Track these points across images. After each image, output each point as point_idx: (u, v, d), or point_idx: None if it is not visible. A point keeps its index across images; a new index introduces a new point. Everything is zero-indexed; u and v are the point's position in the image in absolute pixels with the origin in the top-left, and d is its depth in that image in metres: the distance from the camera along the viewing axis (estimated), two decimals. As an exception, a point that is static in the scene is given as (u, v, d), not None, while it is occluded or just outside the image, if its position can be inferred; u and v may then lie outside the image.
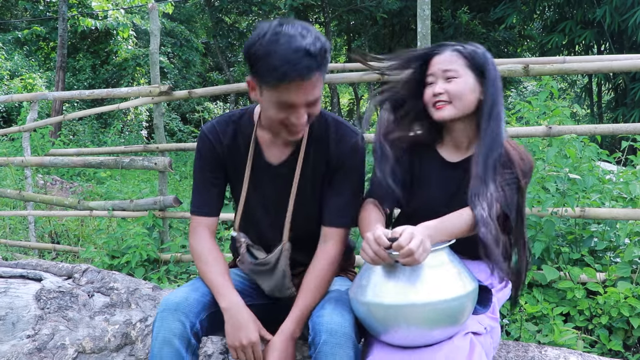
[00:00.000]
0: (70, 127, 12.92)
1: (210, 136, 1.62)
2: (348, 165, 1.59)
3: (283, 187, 1.61)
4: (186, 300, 1.48)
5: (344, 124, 1.62)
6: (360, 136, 1.61)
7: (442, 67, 1.55)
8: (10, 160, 4.83)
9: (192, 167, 7.59)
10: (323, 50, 1.35)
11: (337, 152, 1.58)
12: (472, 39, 11.69)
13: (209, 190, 1.64)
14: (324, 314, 1.43)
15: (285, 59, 1.31)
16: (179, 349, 1.43)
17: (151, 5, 3.98)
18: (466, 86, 1.54)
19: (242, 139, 1.62)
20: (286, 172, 1.60)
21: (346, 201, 1.60)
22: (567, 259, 2.78)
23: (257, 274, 1.66)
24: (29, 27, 15.10)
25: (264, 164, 1.61)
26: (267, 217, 1.65)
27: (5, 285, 2.07)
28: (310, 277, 1.56)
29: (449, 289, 1.34)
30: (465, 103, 1.55)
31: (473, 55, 1.55)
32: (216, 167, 1.64)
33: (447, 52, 1.57)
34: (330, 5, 12.60)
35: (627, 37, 9.34)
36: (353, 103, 20.41)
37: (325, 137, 1.59)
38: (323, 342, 1.38)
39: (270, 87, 1.37)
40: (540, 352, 1.73)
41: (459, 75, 1.54)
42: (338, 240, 1.60)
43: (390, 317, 1.34)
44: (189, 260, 3.78)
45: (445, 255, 1.40)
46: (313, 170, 1.60)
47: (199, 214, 1.65)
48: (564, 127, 2.90)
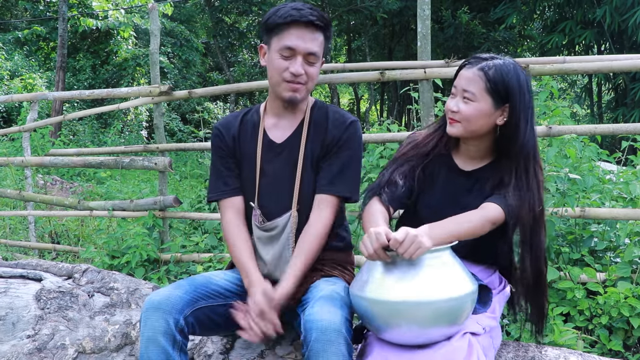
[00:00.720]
0: (70, 127, 12.92)
1: (220, 127, 1.82)
2: (341, 142, 1.71)
3: (287, 163, 1.74)
4: (168, 299, 1.52)
5: (341, 111, 1.80)
6: (356, 119, 1.75)
7: (463, 85, 1.56)
8: (11, 160, 4.83)
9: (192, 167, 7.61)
10: (327, 20, 1.64)
11: (332, 132, 1.73)
12: (472, 39, 11.75)
13: (224, 173, 1.79)
14: (314, 312, 1.44)
15: (292, 8, 1.60)
16: (165, 346, 1.47)
17: (151, 5, 3.98)
18: (478, 112, 1.54)
19: (249, 127, 1.80)
20: (289, 148, 1.75)
21: (337, 171, 1.70)
22: (567, 259, 2.78)
23: (263, 241, 1.75)
24: (29, 27, 15.09)
25: (268, 143, 1.77)
26: (271, 192, 1.75)
27: (5, 286, 2.07)
28: (303, 239, 1.67)
29: (450, 289, 1.35)
30: (474, 127, 1.56)
31: (495, 80, 1.52)
32: (227, 155, 1.79)
33: (474, 70, 1.55)
34: (330, 5, 12.60)
35: (627, 37, 9.34)
36: (353, 103, 20.42)
37: (324, 121, 1.75)
38: (314, 339, 1.39)
39: (276, 36, 1.63)
40: (540, 352, 1.73)
41: (475, 99, 1.54)
42: (329, 207, 1.69)
43: (391, 314, 1.36)
44: (189, 260, 3.78)
45: (447, 256, 1.41)
46: (312, 149, 1.73)
47: (221, 197, 1.79)
48: (564, 127, 2.91)
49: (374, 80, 3.28)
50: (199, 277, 1.70)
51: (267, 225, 1.73)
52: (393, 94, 15.18)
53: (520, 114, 1.54)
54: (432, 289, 1.34)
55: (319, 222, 1.68)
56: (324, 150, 1.72)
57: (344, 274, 1.78)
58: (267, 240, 1.74)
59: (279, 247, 1.72)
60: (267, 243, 1.74)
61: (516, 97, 1.53)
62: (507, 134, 1.57)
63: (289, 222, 1.72)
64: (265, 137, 1.77)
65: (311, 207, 1.72)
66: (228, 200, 1.78)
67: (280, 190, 1.74)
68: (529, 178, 1.56)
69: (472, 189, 1.63)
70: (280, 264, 1.72)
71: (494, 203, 1.52)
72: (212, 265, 3.53)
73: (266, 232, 1.74)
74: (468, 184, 1.64)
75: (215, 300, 1.65)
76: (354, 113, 18.36)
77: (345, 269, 1.81)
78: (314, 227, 1.68)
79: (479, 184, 1.62)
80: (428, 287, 1.34)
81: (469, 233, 1.46)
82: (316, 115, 1.76)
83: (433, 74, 3.13)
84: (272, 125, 1.78)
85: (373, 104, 17.16)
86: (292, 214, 1.72)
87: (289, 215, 1.72)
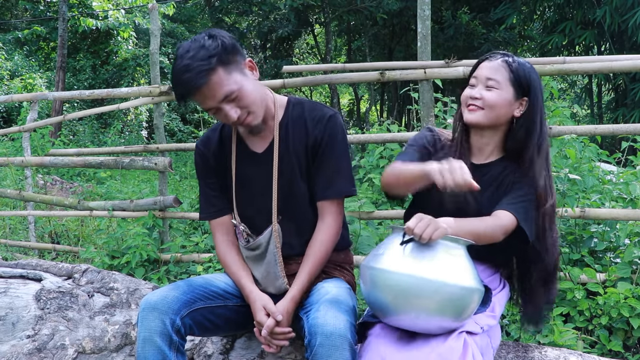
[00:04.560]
0: (70, 127, 12.92)
1: (200, 146, 1.79)
2: (327, 141, 1.67)
3: (269, 173, 1.69)
4: (164, 299, 1.52)
5: (319, 104, 1.73)
6: (335, 112, 1.70)
7: (486, 73, 1.59)
8: (11, 161, 4.83)
9: (192, 167, 7.62)
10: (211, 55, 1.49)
11: (315, 130, 1.67)
12: (472, 40, 11.74)
13: (209, 194, 1.78)
14: (319, 316, 1.44)
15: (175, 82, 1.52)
16: (161, 346, 1.47)
17: (151, 5, 3.98)
18: (503, 99, 1.57)
19: (227, 139, 1.76)
20: (270, 159, 1.69)
21: (331, 173, 1.68)
22: (567, 259, 2.78)
23: (251, 260, 1.74)
24: (29, 27, 15.10)
25: (249, 154, 1.73)
26: (257, 203, 1.73)
27: (5, 286, 2.07)
28: (311, 248, 1.67)
29: (461, 277, 1.38)
30: (497, 114, 1.58)
31: (518, 72, 1.57)
32: (210, 172, 1.78)
33: (497, 61, 1.59)
34: (331, 5, 12.59)
35: (627, 37, 9.33)
36: (353, 103, 20.40)
37: (302, 118, 1.69)
38: (319, 344, 1.39)
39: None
40: (540, 353, 1.73)
41: (500, 87, 1.57)
42: (331, 212, 1.68)
43: (402, 290, 1.36)
44: (189, 261, 3.78)
45: (463, 250, 1.44)
46: (294, 151, 1.68)
47: (209, 218, 1.78)
48: (564, 128, 2.90)
49: (374, 81, 3.28)
50: (198, 278, 1.70)
51: (251, 245, 1.72)
52: (393, 95, 15.18)
53: (537, 109, 1.59)
54: (447, 272, 1.37)
55: (322, 230, 1.67)
56: (309, 152, 1.68)
57: (343, 274, 1.78)
58: (254, 259, 1.73)
59: (265, 266, 1.71)
60: (255, 261, 1.73)
61: (536, 91, 1.59)
62: (524, 126, 1.60)
63: (272, 239, 1.69)
64: (244, 148, 1.73)
65: (302, 214, 1.71)
66: (216, 221, 1.78)
67: (264, 204, 1.71)
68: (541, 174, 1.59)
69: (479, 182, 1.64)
70: (270, 280, 1.71)
71: (506, 211, 1.53)
72: (212, 265, 3.53)
73: (251, 251, 1.73)
74: (475, 179, 1.64)
75: (214, 302, 1.65)
76: (354, 113, 18.36)
77: (345, 269, 1.81)
78: (319, 234, 1.67)
79: (485, 179, 1.62)
80: (443, 270, 1.37)
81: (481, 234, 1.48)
82: (292, 114, 1.71)
83: (433, 74, 3.13)
84: (250, 135, 1.73)
85: (373, 105, 17.15)
86: (273, 228, 1.69)
87: (270, 231, 1.70)
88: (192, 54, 1.50)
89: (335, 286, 1.64)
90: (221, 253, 1.76)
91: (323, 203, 1.69)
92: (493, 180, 1.63)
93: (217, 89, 1.52)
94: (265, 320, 1.59)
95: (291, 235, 1.71)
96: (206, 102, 1.55)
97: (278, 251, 1.69)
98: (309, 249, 1.67)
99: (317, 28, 15.82)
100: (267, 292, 1.71)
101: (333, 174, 1.68)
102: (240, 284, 1.70)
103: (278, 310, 1.60)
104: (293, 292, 1.63)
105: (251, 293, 1.65)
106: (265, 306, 1.61)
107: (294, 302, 1.63)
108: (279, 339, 1.60)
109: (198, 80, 1.49)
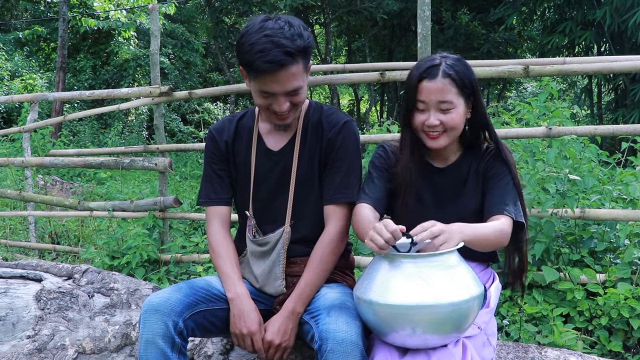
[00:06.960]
0: (70, 127, 12.93)
1: (214, 132, 1.78)
2: (340, 146, 1.68)
3: (284, 172, 1.71)
4: (167, 301, 1.51)
5: (336, 110, 1.75)
6: (350, 119, 1.71)
7: (436, 97, 1.53)
8: (11, 161, 4.83)
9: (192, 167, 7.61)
10: (302, 46, 1.50)
11: (330, 135, 1.69)
12: (472, 40, 11.74)
13: (215, 180, 1.77)
14: (330, 321, 1.43)
15: (260, 53, 1.46)
16: (164, 348, 1.46)
17: (152, 6, 3.98)
18: (460, 115, 1.57)
19: (245, 132, 1.76)
20: (286, 158, 1.71)
21: (340, 178, 1.68)
22: (567, 260, 2.79)
23: (256, 255, 1.73)
24: (29, 28, 15.10)
25: (265, 151, 1.73)
26: (271, 201, 1.73)
27: (6, 286, 2.07)
28: (313, 255, 1.65)
29: (457, 292, 1.31)
30: (458, 130, 1.59)
31: (462, 79, 1.54)
32: (220, 160, 1.76)
33: (439, 80, 1.53)
34: (330, 6, 12.60)
35: (627, 38, 9.33)
36: (353, 104, 20.41)
37: (320, 122, 1.71)
38: (330, 350, 1.38)
39: (252, 77, 1.54)
40: (540, 353, 1.73)
41: (454, 105, 1.54)
42: (338, 217, 1.67)
43: (395, 318, 1.32)
44: (189, 261, 3.78)
45: (454, 258, 1.37)
46: (310, 154, 1.70)
47: (208, 204, 1.77)
48: (564, 128, 2.91)
49: (374, 81, 3.28)
50: (199, 280, 1.68)
51: (260, 240, 1.72)
52: (393, 95, 15.20)
53: (480, 99, 1.60)
54: (440, 292, 1.30)
55: (327, 237, 1.66)
56: (325, 155, 1.69)
57: (345, 279, 1.78)
58: (259, 255, 1.73)
59: (269, 263, 1.70)
60: (259, 257, 1.73)
61: (476, 85, 1.58)
62: (477, 121, 1.62)
63: (281, 239, 1.69)
64: (261, 144, 1.74)
65: (309, 221, 1.70)
66: (215, 209, 1.75)
67: (275, 202, 1.72)
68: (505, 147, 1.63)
69: (449, 186, 1.65)
70: (270, 279, 1.71)
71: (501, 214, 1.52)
72: (212, 265, 3.53)
73: (259, 246, 1.73)
74: (445, 181, 1.66)
75: (216, 304, 1.64)
76: (353, 114, 18.36)
77: (346, 274, 1.81)
78: (323, 243, 1.66)
79: (455, 180, 1.65)
80: (436, 290, 1.30)
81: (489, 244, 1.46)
82: (311, 118, 1.72)
83: (433, 74, 3.12)
84: (268, 132, 1.74)
85: (373, 105, 17.16)
86: (285, 229, 1.69)
87: (282, 231, 1.69)
88: (287, 35, 1.47)
89: (340, 292, 1.62)
90: (214, 242, 1.72)
91: (330, 207, 1.68)
92: (460, 180, 1.65)
93: (292, 79, 1.52)
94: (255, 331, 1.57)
95: (299, 236, 1.71)
96: (271, 86, 1.51)
97: (284, 252, 1.69)
98: (313, 254, 1.65)
99: (317, 28, 15.84)
100: (263, 291, 1.71)
101: (343, 179, 1.67)
102: (227, 277, 1.65)
103: (275, 319, 1.59)
104: (292, 305, 1.59)
105: (246, 300, 1.61)
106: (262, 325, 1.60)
107: (295, 317, 1.59)
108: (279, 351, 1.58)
109: (284, 60, 1.46)
